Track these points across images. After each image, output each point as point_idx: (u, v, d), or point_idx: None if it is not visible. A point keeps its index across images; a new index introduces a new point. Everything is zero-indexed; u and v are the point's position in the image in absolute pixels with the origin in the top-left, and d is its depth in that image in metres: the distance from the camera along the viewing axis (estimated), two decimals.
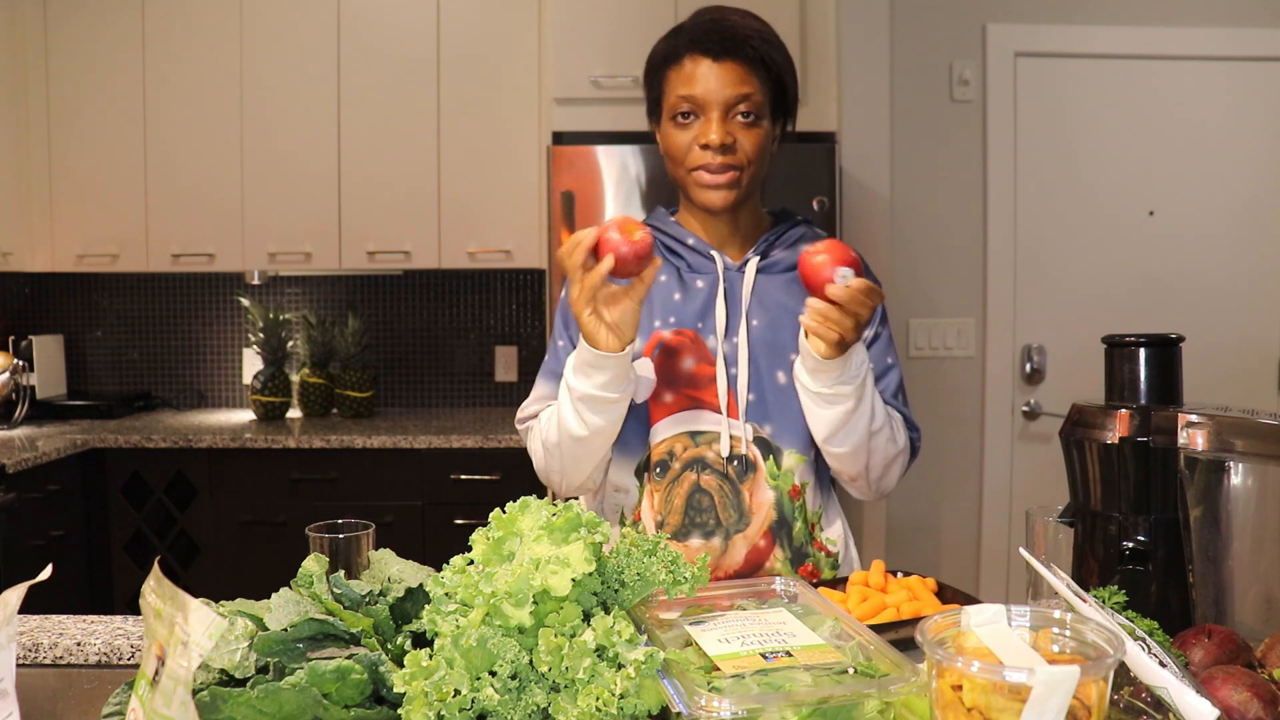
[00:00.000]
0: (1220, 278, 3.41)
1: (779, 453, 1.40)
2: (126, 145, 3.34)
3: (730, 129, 1.35)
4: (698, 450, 1.40)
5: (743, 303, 1.41)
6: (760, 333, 1.41)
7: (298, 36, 3.32)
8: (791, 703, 0.72)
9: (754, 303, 1.42)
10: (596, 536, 0.83)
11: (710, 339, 1.41)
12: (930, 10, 3.32)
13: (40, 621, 1.23)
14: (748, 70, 1.35)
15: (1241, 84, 3.38)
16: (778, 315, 1.42)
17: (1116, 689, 0.79)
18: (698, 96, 1.35)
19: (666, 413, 1.40)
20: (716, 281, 1.42)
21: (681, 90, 1.36)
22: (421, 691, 0.75)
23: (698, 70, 1.35)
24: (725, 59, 1.34)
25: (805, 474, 1.42)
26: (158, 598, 0.76)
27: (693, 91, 1.35)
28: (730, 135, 1.35)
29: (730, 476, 1.39)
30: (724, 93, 1.34)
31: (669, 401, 1.40)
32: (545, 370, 1.50)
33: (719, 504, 1.39)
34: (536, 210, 3.33)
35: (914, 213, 3.35)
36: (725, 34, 1.34)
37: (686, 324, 1.41)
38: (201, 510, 3.12)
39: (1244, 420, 1.00)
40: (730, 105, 1.35)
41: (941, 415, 3.34)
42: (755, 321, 1.41)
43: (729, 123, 1.35)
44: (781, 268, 1.45)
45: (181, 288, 3.72)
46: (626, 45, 2.96)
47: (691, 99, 1.36)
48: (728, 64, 1.34)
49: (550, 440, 1.39)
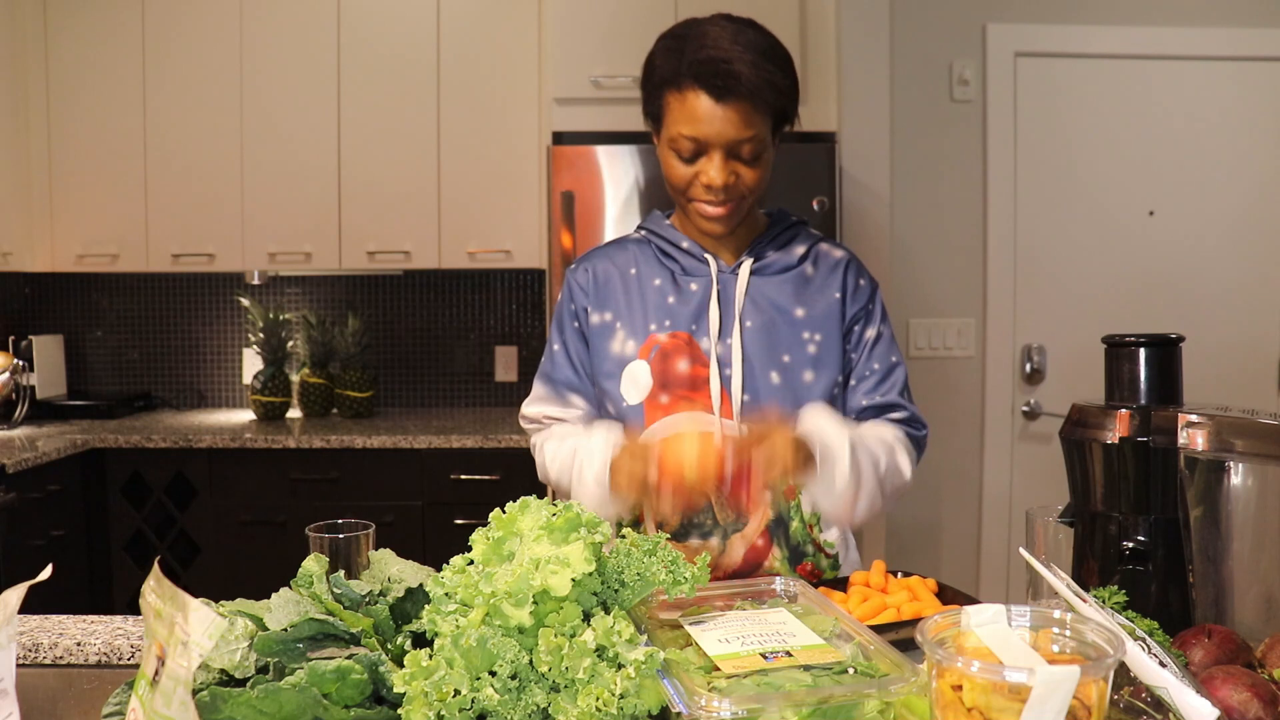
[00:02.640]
0: (1220, 278, 3.41)
1: None
2: (126, 145, 3.34)
3: (733, 167, 1.34)
4: None
5: (736, 305, 1.42)
6: (754, 334, 1.41)
7: (298, 37, 3.32)
8: (791, 703, 0.72)
9: (748, 304, 1.42)
10: (596, 536, 0.83)
11: (704, 341, 1.41)
12: (930, 10, 3.32)
13: (40, 621, 1.23)
14: (750, 110, 1.30)
15: (1241, 84, 3.38)
16: (771, 316, 1.42)
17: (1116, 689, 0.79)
18: (701, 138, 1.32)
19: (662, 414, 1.41)
20: (710, 284, 1.43)
21: (684, 128, 1.33)
22: (421, 691, 0.75)
23: (699, 108, 1.31)
24: (728, 100, 1.30)
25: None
26: (158, 598, 0.76)
27: (695, 133, 1.32)
28: (733, 175, 1.34)
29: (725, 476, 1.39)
30: (726, 135, 1.31)
31: (665, 403, 1.41)
32: (542, 374, 1.52)
33: (716, 504, 1.40)
34: (536, 210, 3.33)
35: (914, 213, 3.35)
36: (726, 74, 1.29)
37: (681, 327, 1.42)
38: (201, 510, 3.12)
39: (1244, 420, 1.00)
40: (731, 146, 1.32)
41: (941, 415, 3.33)
42: (749, 323, 1.42)
43: (731, 162, 1.34)
44: (775, 269, 1.45)
45: (181, 288, 3.72)
46: (626, 45, 2.96)
47: (695, 139, 1.33)
48: (729, 106, 1.30)
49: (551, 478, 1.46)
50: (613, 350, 1.44)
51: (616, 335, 1.44)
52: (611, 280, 1.47)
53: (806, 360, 1.42)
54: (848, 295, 1.46)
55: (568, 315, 1.50)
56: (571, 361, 1.49)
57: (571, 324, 1.49)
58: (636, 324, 1.43)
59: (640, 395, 1.41)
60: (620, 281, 1.47)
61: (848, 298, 1.46)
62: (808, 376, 1.42)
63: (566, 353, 1.49)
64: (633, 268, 1.47)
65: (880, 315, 1.49)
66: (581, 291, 1.49)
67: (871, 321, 1.48)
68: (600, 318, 1.46)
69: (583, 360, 1.48)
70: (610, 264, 1.49)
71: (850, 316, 1.46)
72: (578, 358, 1.49)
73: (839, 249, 1.51)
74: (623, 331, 1.44)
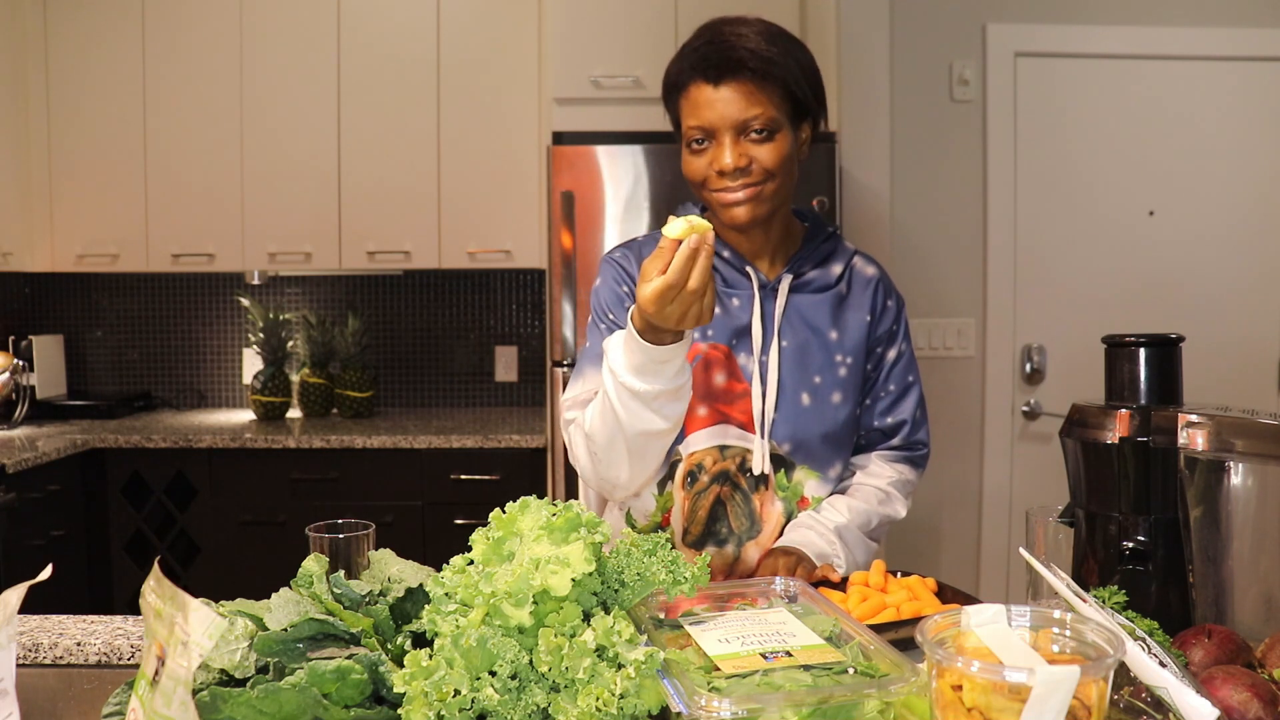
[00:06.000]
0: (1220, 278, 3.41)
1: (791, 467, 1.43)
2: (126, 145, 3.34)
3: (744, 149, 1.32)
4: (725, 464, 1.41)
5: (775, 322, 1.41)
6: (789, 354, 1.41)
7: (298, 37, 3.32)
8: (791, 703, 0.72)
9: (784, 323, 1.42)
10: (596, 536, 0.83)
11: (741, 357, 1.41)
12: (930, 10, 3.32)
13: (40, 621, 1.23)
14: (752, 87, 1.30)
15: (1241, 84, 3.38)
16: (806, 337, 1.42)
17: (1116, 689, 0.79)
18: (705, 125, 1.32)
19: (699, 425, 1.41)
20: (752, 299, 1.42)
21: (691, 120, 1.33)
22: (421, 691, 0.75)
23: (701, 97, 1.32)
24: (725, 82, 1.30)
25: (816, 489, 1.45)
26: (158, 598, 0.76)
27: (700, 121, 1.32)
28: (744, 156, 1.32)
29: (742, 487, 1.42)
30: (730, 117, 1.30)
31: (702, 415, 1.41)
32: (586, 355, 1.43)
33: (731, 513, 1.42)
34: (536, 210, 3.33)
35: (914, 213, 3.35)
36: (721, 56, 1.29)
37: (720, 339, 1.41)
38: (201, 510, 3.12)
39: (1244, 420, 1.00)
40: (739, 127, 1.31)
41: (941, 415, 3.33)
42: (785, 342, 1.42)
43: (742, 143, 1.32)
44: (814, 287, 1.45)
45: (181, 288, 3.72)
46: (626, 45, 2.95)
47: (701, 128, 1.33)
48: (729, 86, 1.30)
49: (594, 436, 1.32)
50: None
51: None
52: None
53: (836, 383, 1.43)
54: (876, 317, 1.47)
55: (614, 299, 1.43)
56: None
57: (621, 305, 1.42)
58: None
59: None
60: None
61: (875, 319, 1.47)
62: (836, 398, 1.43)
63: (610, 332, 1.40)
64: None
65: (903, 334, 1.50)
66: (629, 277, 1.44)
67: (894, 342, 1.49)
68: None
69: None
70: None
71: (875, 338, 1.47)
72: None
73: (871, 265, 1.50)
74: None
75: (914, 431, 1.51)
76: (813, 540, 1.36)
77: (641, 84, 2.91)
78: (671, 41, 2.80)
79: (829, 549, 1.36)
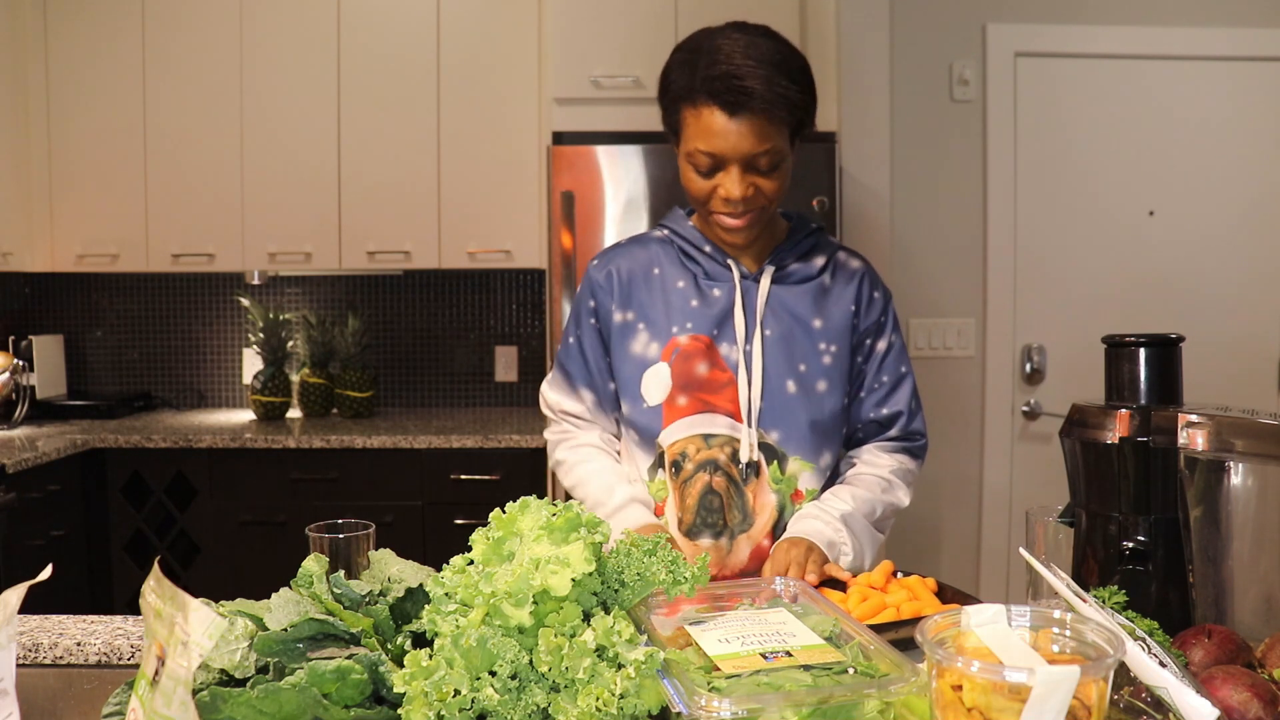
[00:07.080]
0: (1220, 278, 3.41)
1: (784, 459, 1.43)
2: (126, 145, 3.34)
3: (751, 180, 1.34)
4: (710, 453, 1.42)
5: (757, 313, 1.43)
6: (773, 343, 1.43)
7: (298, 36, 3.32)
8: (791, 703, 0.72)
9: (767, 313, 1.44)
10: (596, 536, 0.83)
11: (723, 346, 1.42)
12: (930, 10, 3.32)
13: (40, 621, 1.23)
14: (765, 122, 1.30)
15: (1241, 84, 3.38)
16: (790, 326, 1.44)
17: (1116, 689, 0.79)
18: (716, 153, 1.32)
19: (679, 415, 1.43)
20: (733, 290, 1.44)
21: (700, 143, 1.33)
22: (421, 691, 0.75)
23: (714, 124, 1.31)
24: (742, 115, 1.29)
25: (810, 482, 1.45)
26: (158, 598, 0.76)
27: (711, 148, 1.32)
28: (751, 187, 1.34)
29: (735, 479, 1.42)
30: (742, 150, 1.31)
31: (683, 405, 1.43)
32: (559, 359, 1.56)
33: (726, 505, 1.42)
34: (536, 210, 3.33)
35: (914, 213, 3.35)
36: (739, 90, 1.28)
37: (702, 330, 1.43)
38: (201, 510, 3.12)
39: (1244, 420, 1.00)
40: (748, 160, 1.32)
41: (941, 415, 3.33)
42: (769, 331, 1.43)
43: (749, 175, 1.33)
44: (796, 278, 1.46)
45: (181, 288, 3.72)
46: (626, 45, 2.95)
47: (711, 154, 1.33)
48: (743, 120, 1.30)
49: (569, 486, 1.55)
50: (634, 351, 1.46)
51: (639, 336, 1.46)
52: (635, 280, 1.48)
53: (821, 370, 1.44)
54: (861, 308, 1.48)
55: (585, 311, 1.52)
56: (584, 355, 1.51)
57: (589, 320, 1.51)
58: (659, 325, 1.45)
59: (660, 397, 1.43)
60: (644, 281, 1.48)
61: (861, 310, 1.48)
62: (822, 386, 1.44)
63: (580, 347, 1.52)
64: (656, 268, 1.48)
65: (892, 325, 1.51)
66: (603, 290, 1.50)
67: (883, 334, 1.50)
68: (623, 317, 1.47)
69: (595, 356, 1.50)
70: (633, 263, 1.49)
71: (862, 330, 1.48)
72: (591, 353, 1.51)
73: (856, 259, 1.52)
74: (646, 333, 1.45)
75: (910, 421, 1.51)
76: (820, 529, 1.37)
77: (641, 84, 2.91)
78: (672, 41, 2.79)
79: (836, 537, 1.37)
